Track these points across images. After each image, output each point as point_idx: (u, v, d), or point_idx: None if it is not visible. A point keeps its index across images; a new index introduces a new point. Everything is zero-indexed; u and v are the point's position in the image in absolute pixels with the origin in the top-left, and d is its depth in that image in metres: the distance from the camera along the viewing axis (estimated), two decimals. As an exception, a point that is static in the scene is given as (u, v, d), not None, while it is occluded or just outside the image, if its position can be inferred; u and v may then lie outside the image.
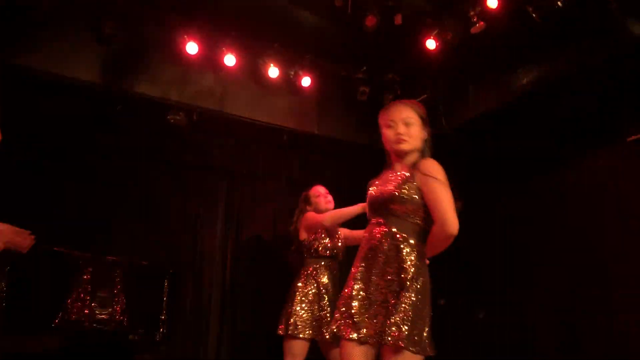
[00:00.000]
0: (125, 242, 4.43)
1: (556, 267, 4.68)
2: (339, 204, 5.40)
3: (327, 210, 3.91)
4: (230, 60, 4.48)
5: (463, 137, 5.00)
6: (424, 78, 4.92)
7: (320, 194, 3.99)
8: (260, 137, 5.13)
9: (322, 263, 3.77)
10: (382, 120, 2.45)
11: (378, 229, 2.25)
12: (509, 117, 4.62)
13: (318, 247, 3.75)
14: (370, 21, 4.02)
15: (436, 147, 5.12)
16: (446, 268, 5.68)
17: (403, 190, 2.21)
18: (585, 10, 3.64)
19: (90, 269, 2.88)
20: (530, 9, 3.63)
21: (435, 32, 4.24)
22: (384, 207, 2.25)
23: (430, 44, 4.30)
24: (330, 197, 4.00)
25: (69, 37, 4.08)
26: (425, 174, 2.20)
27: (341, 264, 4.03)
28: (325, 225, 3.73)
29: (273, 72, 4.67)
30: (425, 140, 2.44)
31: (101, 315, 2.90)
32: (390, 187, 2.24)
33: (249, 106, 4.76)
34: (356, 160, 5.69)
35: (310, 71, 4.83)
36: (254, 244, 5.06)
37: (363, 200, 5.54)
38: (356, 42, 4.53)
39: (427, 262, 2.44)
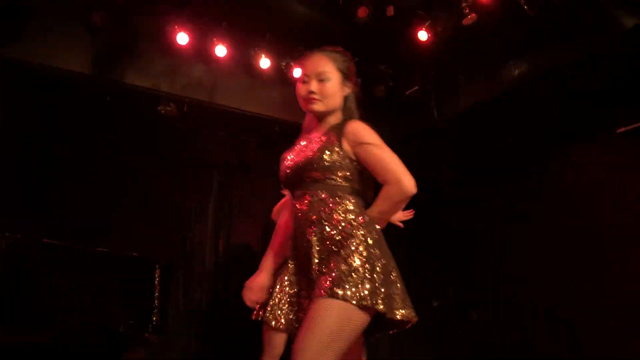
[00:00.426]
0: (116, 234, 4.41)
1: (549, 262, 4.72)
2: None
3: None
4: (221, 51, 4.45)
5: (454, 129, 5.02)
6: (415, 70, 4.92)
7: None
8: (252, 128, 5.11)
9: None
10: (299, 74, 2.14)
11: (301, 203, 1.96)
12: (500, 109, 4.63)
13: None
14: (362, 12, 4.01)
15: (428, 139, 5.14)
16: (438, 265, 5.74)
17: (324, 156, 1.92)
18: (575, 2, 3.65)
19: (79, 261, 2.86)
20: (522, 1, 3.63)
21: (427, 23, 4.24)
22: (304, 176, 1.96)
23: (422, 35, 4.29)
24: None
25: (57, 28, 4.04)
26: (356, 142, 1.93)
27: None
28: None
29: (264, 63, 4.64)
30: (347, 98, 2.16)
31: (92, 307, 2.89)
32: (309, 153, 1.97)
33: (240, 97, 4.74)
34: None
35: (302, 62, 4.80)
36: (246, 236, 5.05)
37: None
38: (348, 34, 4.50)
39: (401, 225, 2.35)
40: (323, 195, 1.91)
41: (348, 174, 1.94)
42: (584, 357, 4.26)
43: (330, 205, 1.90)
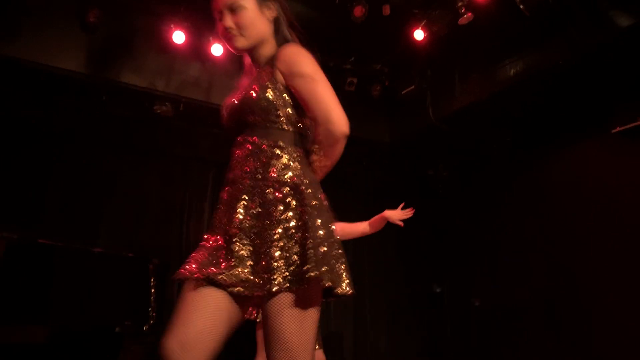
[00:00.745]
0: (112, 233, 4.40)
1: (543, 259, 4.74)
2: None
3: None
4: (217, 50, 4.44)
5: (450, 128, 5.03)
6: (411, 69, 4.93)
7: None
8: (248, 128, 5.10)
9: None
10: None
11: (241, 149, 1.74)
12: (495, 108, 4.64)
13: None
14: (359, 11, 4.01)
15: (424, 138, 5.13)
16: (433, 262, 5.76)
17: (260, 95, 1.68)
18: (572, 2, 3.66)
19: (77, 261, 2.85)
20: (518, 0, 3.64)
21: (423, 23, 4.24)
22: (244, 118, 1.73)
23: (418, 34, 4.29)
24: None
25: (53, 26, 4.02)
26: (289, 71, 1.69)
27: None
28: None
29: (260, 62, 4.63)
30: (277, 21, 1.87)
31: (88, 307, 2.88)
32: (246, 93, 1.72)
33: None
34: (344, 152, 5.69)
35: (298, 62, 4.80)
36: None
37: (351, 192, 5.53)
38: (344, 33, 4.51)
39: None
40: (264, 146, 1.67)
41: (290, 112, 1.70)
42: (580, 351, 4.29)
43: (267, 157, 1.65)
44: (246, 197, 1.63)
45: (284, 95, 1.71)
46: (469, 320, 5.38)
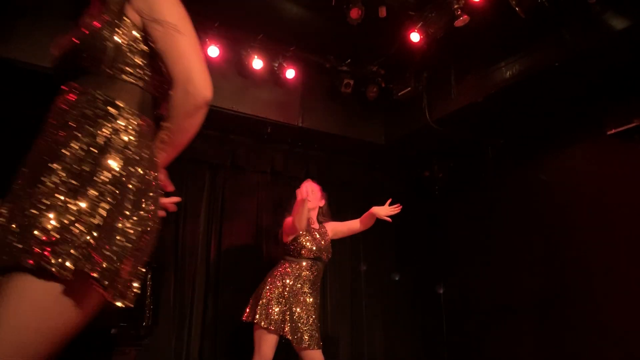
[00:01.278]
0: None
1: (537, 262, 4.76)
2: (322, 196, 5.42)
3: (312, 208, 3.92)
4: (213, 51, 4.44)
5: (446, 130, 5.04)
6: (407, 71, 4.94)
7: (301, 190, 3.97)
8: (244, 129, 5.10)
9: (303, 264, 3.75)
10: None
11: (63, 101, 1.36)
12: (491, 109, 4.66)
13: (300, 249, 3.73)
14: (355, 13, 4.01)
15: (419, 139, 5.15)
16: (428, 262, 5.77)
17: (98, 35, 1.35)
18: (567, 4, 3.67)
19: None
20: (514, 2, 3.65)
21: (420, 25, 4.25)
22: (74, 65, 1.39)
23: (414, 36, 4.30)
24: (315, 195, 4.00)
25: (47, 27, 4.00)
26: (149, 15, 1.37)
27: (329, 262, 4.04)
28: (300, 229, 3.68)
29: (257, 63, 4.64)
30: None
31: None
32: (79, 32, 1.40)
33: (233, 98, 4.73)
34: (340, 153, 5.70)
35: (294, 63, 4.81)
36: (238, 236, 5.04)
37: (347, 193, 5.52)
38: (341, 35, 4.51)
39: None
40: (98, 99, 1.31)
41: (139, 63, 1.38)
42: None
43: (94, 116, 1.28)
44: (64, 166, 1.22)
45: (137, 40, 1.38)
46: (466, 321, 5.39)
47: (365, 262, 5.69)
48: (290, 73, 4.80)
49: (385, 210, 3.85)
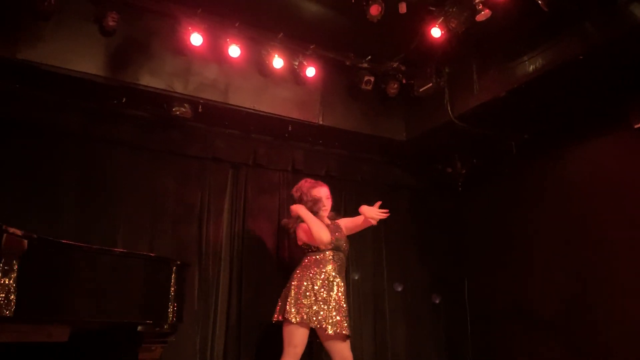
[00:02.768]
0: (132, 234, 4.45)
1: (559, 255, 4.69)
2: (342, 194, 5.42)
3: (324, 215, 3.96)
4: (234, 51, 4.46)
5: (468, 125, 5.00)
6: (428, 66, 4.90)
7: (322, 197, 4.01)
8: (265, 128, 5.13)
9: (325, 254, 3.77)
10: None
11: None
12: (514, 104, 4.60)
13: (319, 246, 3.77)
14: (375, 10, 3.99)
15: (441, 135, 5.12)
16: (453, 253, 5.73)
17: None
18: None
19: (97, 261, 2.89)
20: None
21: (440, 20, 4.21)
22: None
23: (435, 32, 4.27)
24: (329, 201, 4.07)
25: (71, 30, 4.07)
26: None
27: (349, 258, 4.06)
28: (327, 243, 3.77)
29: (277, 62, 4.65)
30: None
31: (108, 306, 2.91)
32: None
33: (254, 97, 4.75)
34: (361, 150, 5.69)
35: (314, 61, 4.81)
36: (260, 234, 5.06)
37: (368, 190, 5.52)
38: (360, 31, 4.50)
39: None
40: None
41: None
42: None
43: None
44: None
45: None
46: (488, 320, 5.34)
47: (387, 260, 5.66)
48: (310, 71, 4.80)
49: (372, 212, 3.86)
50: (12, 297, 2.30)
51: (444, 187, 6.05)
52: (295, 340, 3.57)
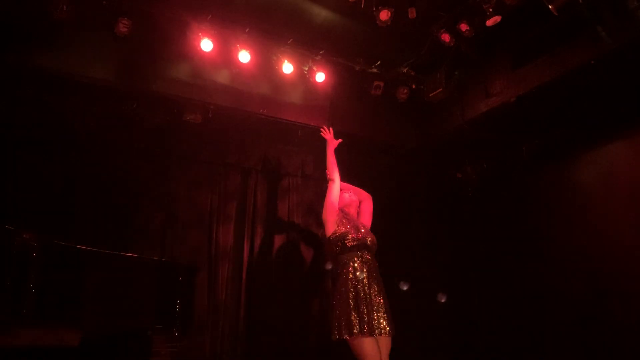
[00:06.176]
0: (142, 239, 4.47)
1: (572, 258, 4.65)
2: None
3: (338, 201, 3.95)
4: (244, 56, 4.49)
5: (479, 131, 4.98)
6: (438, 72, 4.89)
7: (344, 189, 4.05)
8: (275, 133, 5.14)
9: (354, 253, 3.64)
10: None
11: None
12: (525, 110, 4.58)
13: (344, 240, 3.64)
14: (384, 15, 4.00)
15: (452, 140, 5.09)
16: (464, 258, 5.70)
17: None
18: (600, 1, 3.60)
19: (109, 266, 2.91)
20: (546, 0, 3.58)
21: (450, 25, 4.21)
22: None
23: (445, 37, 4.26)
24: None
25: (84, 37, 4.12)
26: None
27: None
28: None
29: (287, 68, 4.67)
30: None
31: (119, 310, 2.93)
32: None
33: (264, 102, 4.77)
34: (371, 155, 5.68)
35: (324, 67, 4.83)
36: (269, 239, 5.07)
37: (379, 194, 5.50)
38: (370, 37, 4.51)
39: None
40: None
41: None
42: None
43: None
44: None
45: None
46: (500, 324, 5.30)
47: (399, 266, 5.63)
48: (320, 76, 4.81)
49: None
50: (26, 300, 2.33)
51: (454, 192, 6.02)
52: (368, 349, 3.44)
